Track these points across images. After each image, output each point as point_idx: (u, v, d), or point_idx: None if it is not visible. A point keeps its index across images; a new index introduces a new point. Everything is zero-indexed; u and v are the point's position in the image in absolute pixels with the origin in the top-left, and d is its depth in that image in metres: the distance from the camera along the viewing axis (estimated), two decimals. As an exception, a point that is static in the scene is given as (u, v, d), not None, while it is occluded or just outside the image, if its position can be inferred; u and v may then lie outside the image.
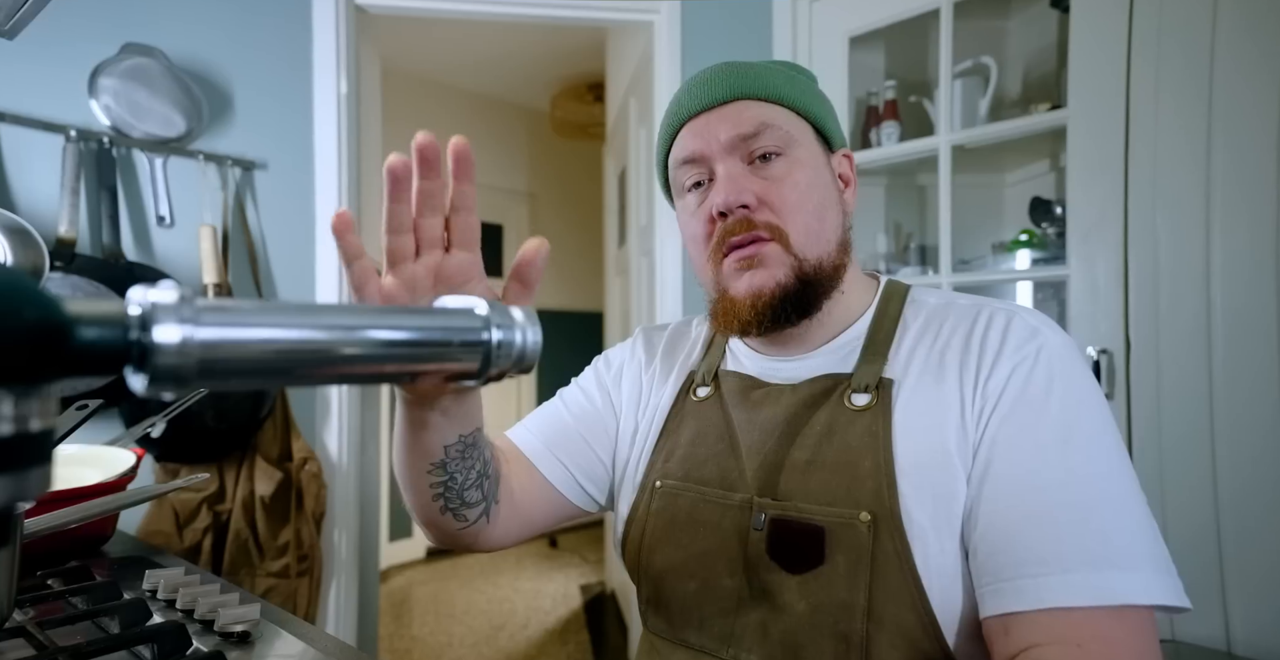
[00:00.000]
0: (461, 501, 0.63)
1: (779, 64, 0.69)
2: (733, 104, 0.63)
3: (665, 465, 0.69)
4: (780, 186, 0.62)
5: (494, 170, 3.96)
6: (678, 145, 0.66)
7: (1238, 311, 1.20)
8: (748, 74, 0.64)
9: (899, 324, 0.64)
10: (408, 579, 3.33)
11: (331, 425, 1.76)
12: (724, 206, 0.61)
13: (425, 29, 3.01)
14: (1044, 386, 0.55)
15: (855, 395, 0.61)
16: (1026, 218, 1.71)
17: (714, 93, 0.64)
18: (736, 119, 0.62)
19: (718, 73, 0.65)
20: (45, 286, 0.23)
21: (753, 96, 0.63)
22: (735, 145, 0.62)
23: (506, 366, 0.36)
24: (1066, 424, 0.53)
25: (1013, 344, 0.57)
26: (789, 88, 0.64)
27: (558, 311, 4.07)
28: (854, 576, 0.55)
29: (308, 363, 0.30)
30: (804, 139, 0.64)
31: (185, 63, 1.61)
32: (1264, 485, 1.17)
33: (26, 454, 0.23)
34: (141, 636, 0.57)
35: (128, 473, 0.85)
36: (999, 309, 0.61)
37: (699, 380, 0.72)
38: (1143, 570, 0.49)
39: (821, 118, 0.66)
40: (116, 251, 1.50)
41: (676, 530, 0.65)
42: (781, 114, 0.63)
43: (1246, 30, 1.21)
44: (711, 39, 1.92)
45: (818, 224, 0.62)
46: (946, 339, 0.60)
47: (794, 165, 0.63)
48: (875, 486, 0.56)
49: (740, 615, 0.60)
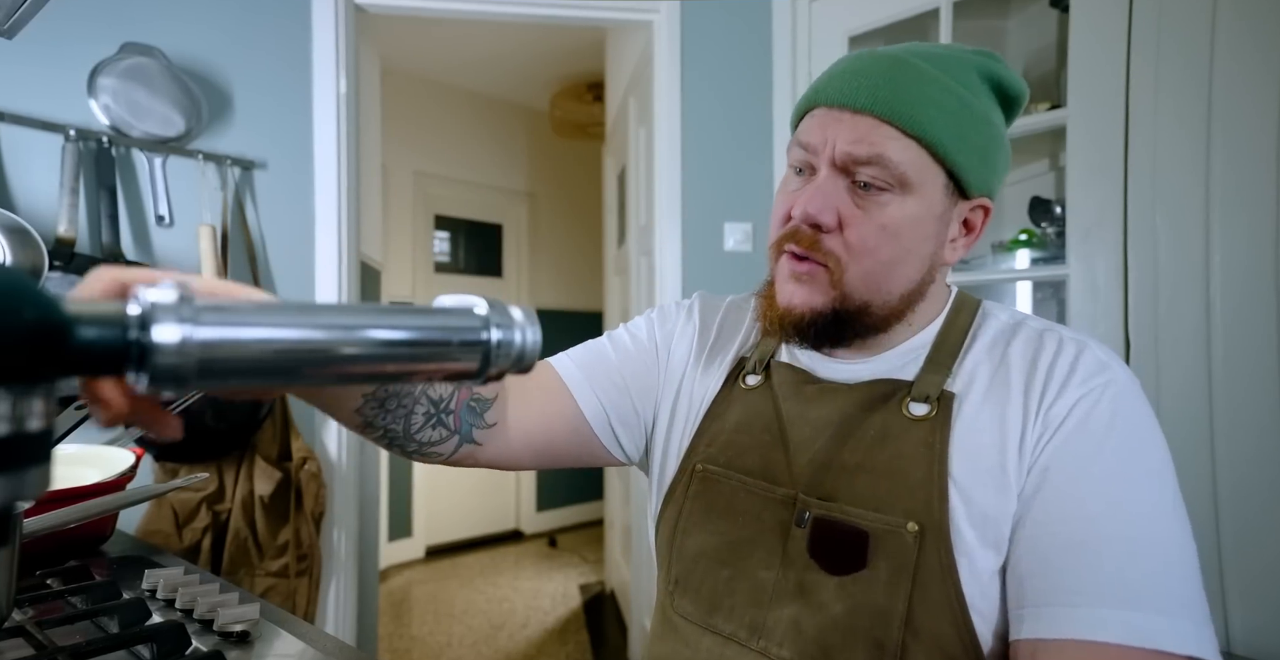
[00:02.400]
0: (419, 443, 0.62)
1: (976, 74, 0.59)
2: (868, 118, 0.56)
3: (708, 449, 0.68)
4: (864, 222, 0.57)
5: (493, 170, 3.96)
6: (804, 127, 0.61)
7: (1237, 311, 1.20)
8: (908, 92, 0.56)
9: (967, 337, 0.63)
10: (407, 578, 3.33)
11: (331, 425, 1.75)
12: (801, 217, 0.59)
13: (424, 29, 3.01)
14: (1106, 421, 0.54)
15: (914, 404, 0.59)
16: (1026, 217, 1.71)
17: (861, 93, 0.57)
18: (859, 138, 0.56)
19: (882, 71, 0.57)
20: (45, 286, 0.23)
21: (893, 121, 0.56)
22: (843, 160, 0.57)
23: (506, 366, 0.36)
24: (1124, 460, 0.53)
25: (1081, 375, 0.56)
26: (945, 126, 0.56)
27: (557, 311, 4.07)
28: (895, 584, 0.54)
29: (307, 362, 0.29)
30: (924, 183, 0.57)
31: (184, 62, 1.60)
32: (1263, 485, 1.17)
33: (26, 453, 0.23)
34: (141, 636, 0.57)
35: (127, 472, 0.85)
36: (1070, 338, 0.59)
37: (750, 367, 0.70)
38: (1181, 618, 0.48)
39: (966, 167, 0.58)
40: (116, 251, 1.50)
41: (715, 515, 0.65)
42: (912, 152, 0.56)
43: (1246, 30, 1.21)
44: (711, 39, 1.92)
45: (884, 272, 0.59)
46: (1014, 360, 0.59)
47: (894, 206, 0.57)
48: (926, 497, 0.55)
49: (774, 608, 0.60)
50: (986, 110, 0.59)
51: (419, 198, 3.66)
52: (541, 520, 4.00)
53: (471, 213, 3.93)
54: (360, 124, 1.89)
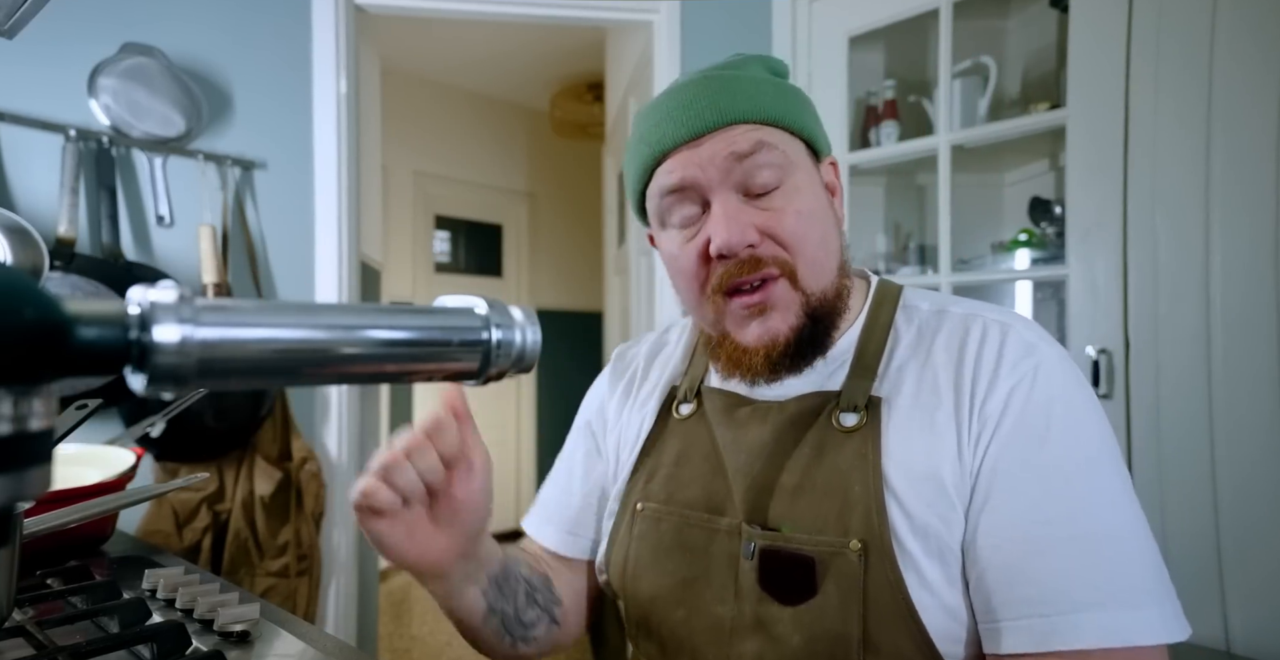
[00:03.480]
0: (522, 625, 0.66)
1: (759, 67, 0.63)
2: (724, 131, 0.57)
3: (647, 486, 0.66)
4: (783, 218, 0.57)
5: (493, 170, 3.96)
6: (663, 174, 0.59)
7: (1237, 311, 1.20)
8: (737, 93, 0.57)
9: (890, 334, 0.61)
10: (407, 578, 3.32)
11: (331, 425, 1.76)
12: (726, 249, 0.56)
13: (424, 28, 3.01)
14: (1044, 410, 0.53)
15: (844, 415, 0.58)
16: (1026, 217, 1.71)
17: (703, 118, 0.57)
18: (730, 141, 0.56)
19: (701, 92, 0.58)
20: (45, 286, 0.23)
21: (745, 120, 0.57)
22: (730, 172, 0.57)
23: (506, 366, 0.36)
24: (1068, 450, 0.52)
25: (1009, 361, 0.55)
26: (780, 103, 0.58)
27: (557, 311, 4.07)
28: (847, 607, 0.53)
29: (307, 362, 0.30)
30: (799, 160, 0.59)
31: (185, 62, 1.60)
32: (1263, 484, 1.17)
33: (26, 453, 0.23)
34: (141, 636, 0.57)
35: (127, 472, 0.85)
36: (993, 321, 0.58)
37: (681, 396, 0.69)
38: (1149, 606, 0.48)
39: (811, 130, 0.61)
40: (116, 251, 1.50)
41: (662, 555, 0.63)
42: (776, 136, 0.58)
43: (1246, 30, 1.21)
44: (711, 39, 1.92)
45: (823, 254, 0.59)
46: (939, 356, 0.58)
47: (794, 193, 0.58)
48: (865, 512, 0.54)
49: (734, 645, 0.58)
50: (787, 83, 0.62)
51: (419, 198, 3.66)
52: (541, 520, 4.00)
53: (471, 213, 3.93)
54: (360, 124, 1.89)
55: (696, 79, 0.59)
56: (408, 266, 3.57)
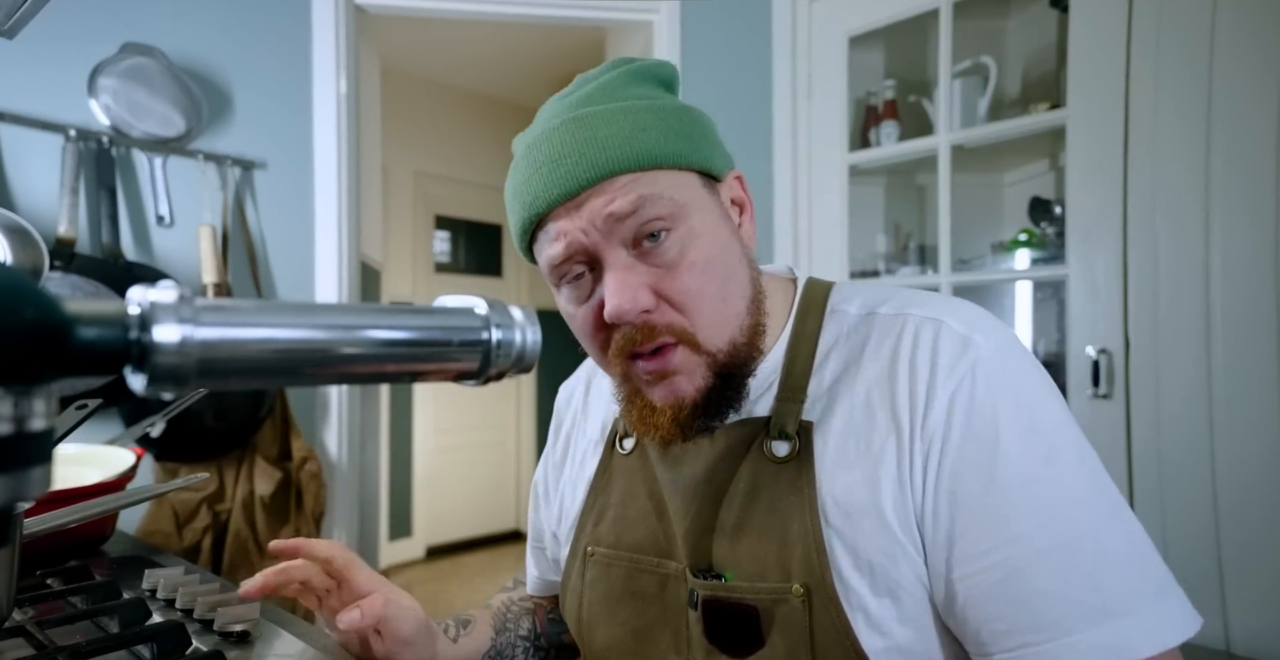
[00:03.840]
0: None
1: (638, 81, 0.56)
2: (600, 186, 0.51)
3: (595, 529, 0.64)
4: (677, 276, 0.52)
5: (493, 170, 3.96)
6: (543, 243, 0.55)
7: (1237, 311, 1.20)
8: (609, 139, 0.51)
9: (817, 347, 0.56)
10: (407, 578, 3.33)
11: (331, 424, 1.76)
12: (616, 317, 0.51)
13: (424, 29, 3.01)
14: (990, 414, 0.49)
15: (775, 443, 0.54)
16: (1026, 217, 1.71)
17: (574, 175, 0.51)
18: (609, 198, 0.51)
19: (570, 143, 0.52)
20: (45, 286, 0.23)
21: (621, 170, 0.51)
22: (614, 230, 0.52)
23: (506, 366, 0.36)
24: (1024, 451, 0.48)
25: (945, 366, 0.50)
26: (660, 140, 0.52)
27: (557, 311, 4.07)
28: (795, 658, 0.50)
29: (307, 363, 0.30)
30: (691, 198, 0.53)
31: (185, 62, 1.61)
32: (1264, 484, 1.17)
33: (26, 453, 0.23)
34: (141, 636, 0.57)
35: (127, 472, 0.85)
36: (925, 319, 0.53)
37: (623, 430, 0.65)
38: (1145, 609, 0.46)
39: (705, 158, 0.55)
40: (116, 251, 1.50)
41: (613, 603, 0.61)
42: (660, 180, 0.52)
43: (1246, 30, 1.21)
44: (711, 39, 1.92)
45: (723, 306, 0.53)
46: (869, 367, 0.53)
47: (688, 240, 0.52)
48: (805, 552, 0.50)
49: None
50: (669, 102, 0.55)
51: (419, 198, 3.66)
52: (541, 520, 4.00)
53: (471, 213, 3.93)
54: (360, 124, 1.89)
55: (562, 124, 0.53)
56: (408, 266, 3.57)
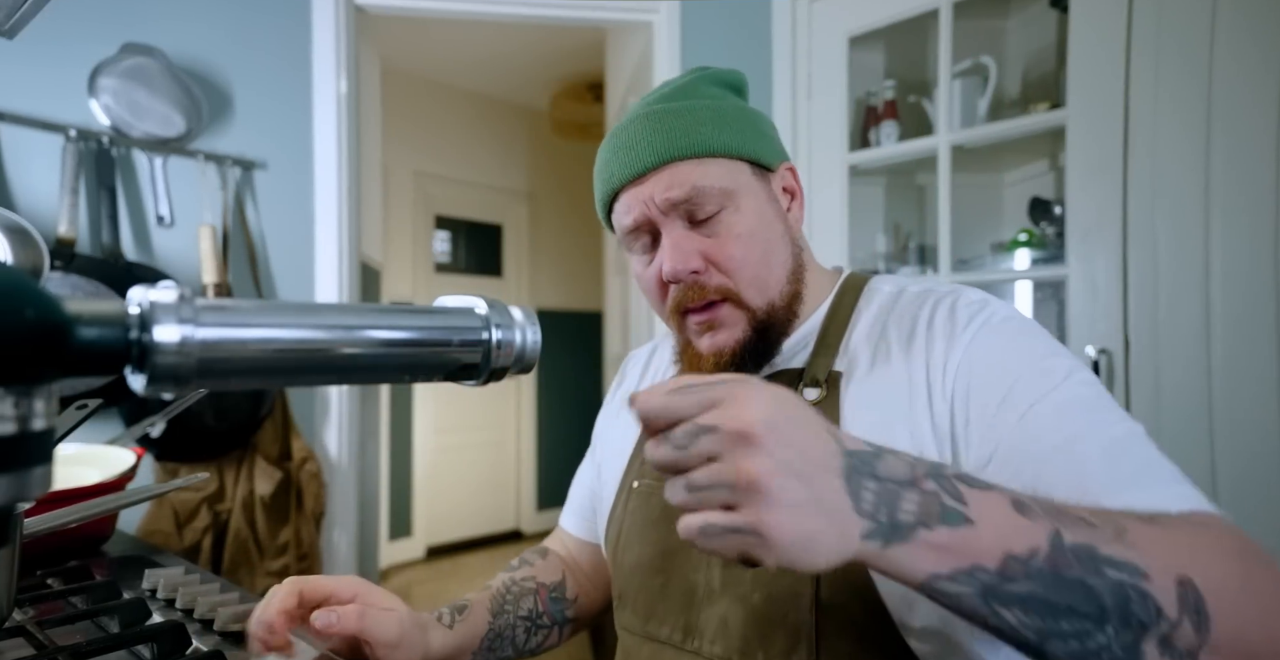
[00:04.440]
0: (531, 650, 0.74)
1: (712, 86, 0.67)
2: (664, 169, 0.62)
3: (643, 466, 0.71)
4: (724, 244, 0.62)
5: (493, 170, 3.96)
6: (618, 215, 0.66)
7: (1237, 311, 1.20)
8: (674, 131, 0.62)
9: (852, 315, 0.65)
10: (407, 578, 3.33)
11: (331, 424, 1.76)
12: (671, 276, 0.62)
13: (424, 29, 3.01)
14: (1002, 345, 0.56)
15: (807, 390, 0.62)
16: (1025, 217, 1.71)
17: (642, 159, 0.62)
18: (669, 184, 0.62)
19: (642, 132, 0.63)
20: (45, 286, 0.23)
21: (682, 157, 0.62)
22: (674, 208, 0.62)
23: (506, 366, 0.36)
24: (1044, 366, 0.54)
25: (963, 319, 0.58)
26: (719, 131, 0.63)
27: (557, 311, 4.07)
28: None
29: (307, 362, 0.30)
30: (742, 184, 0.63)
31: (185, 62, 1.61)
32: (1263, 484, 1.17)
33: (27, 453, 0.23)
34: (141, 636, 0.57)
35: (127, 472, 0.85)
36: (945, 292, 0.62)
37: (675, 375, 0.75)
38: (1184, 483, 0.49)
39: (756, 150, 0.65)
40: (116, 251, 1.50)
41: (648, 527, 0.68)
42: (715, 167, 0.62)
43: (1246, 30, 1.21)
44: (711, 38, 1.92)
45: (765, 271, 0.63)
46: (893, 330, 0.62)
47: (736, 217, 0.63)
48: None
49: (704, 609, 0.62)
50: (730, 102, 0.66)
51: (419, 198, 3.66)
52: (541, 520, 4.00)
53: (471, 213, 3.93)
54: (360, 124, 1.89)
55: (639, 117, 0.64)
56: (408, 266, 3.57)
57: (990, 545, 0.37)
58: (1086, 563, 0.37)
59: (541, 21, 1.96)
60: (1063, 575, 0.37)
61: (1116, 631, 0.36)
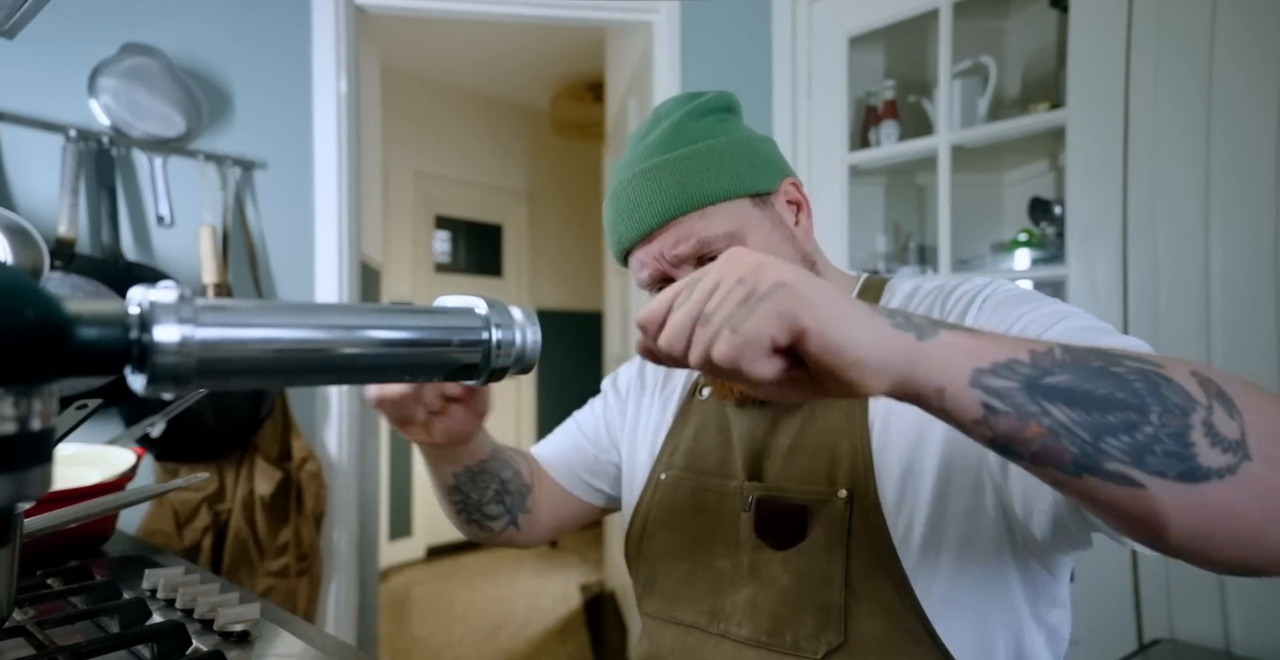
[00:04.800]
0: (482, 514, 0.75)
1: (691, 125, 0.67)
2: (668, 227, 0.64)
3: (671, 458, 0.74)
4: None
5: (493, 170, 3.96)
6: (633, 269, 0.69)
7: (1237, 311, 1.20)
8: (670, 188, 0.63)
9: None
10: (407, 578, 3.33)
11: (331, 425, 1.76)
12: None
13: (424, 29, 3.01)
14: (1010, 293, 0.60)
15: None
16: (1025, 217, 1.71)
17: (646, 221, 0.64)
18: (675, 241, 0.64)
19: (641, 193, 0.65)
20: (45, 286, 0.23)
21: (682, 212, 0.63)
22: (683, 261, 0.65)
23: (506, 366, 0.36)
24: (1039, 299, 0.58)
25: (974, 297, 0.62)
26: (715, 178, 0.64)
27: (557, 311, 4.07)
28: (832, 549, 0.59)
29: (307, 362, 0.30)
30: (744, 220, 0.65)
31: (185, 62, 1.60)
32: (1263, 485, 1.16)
33: (27, 453, 0.23)
34: (141, 636, 0.57)
35: (127, 472, 0.85)
36: (956, 284, 0.65)
37: (704, 381, 0.77)
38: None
39: (754, 183, 0.65)
40: (116, 251, 1.50)
41: (676, 515, 0.70)
42: (717, 215, 0.64)
43: (1246, 30, 1.21)
44: (711, 39, 1.92)
45: None
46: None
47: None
48: (852, 466, 0.60)
49: (731, 593, 0.64)
50: (722, 138, 0.66)
51: (419, 198, 3.66)
52: (541, 520, 4.00)
53: (471, 213, 3.93)
54: (360, 124, 1.89)
55: (636, 175, 0.65)
56: (408, 266, 3.57)
57: (1012, 345, 0.38)
58: (1104, 356, 0.37)
59: (541, 21, 1.96)
60: (1088, 365, 0.37)
61: (1160, 418, 0.35)
